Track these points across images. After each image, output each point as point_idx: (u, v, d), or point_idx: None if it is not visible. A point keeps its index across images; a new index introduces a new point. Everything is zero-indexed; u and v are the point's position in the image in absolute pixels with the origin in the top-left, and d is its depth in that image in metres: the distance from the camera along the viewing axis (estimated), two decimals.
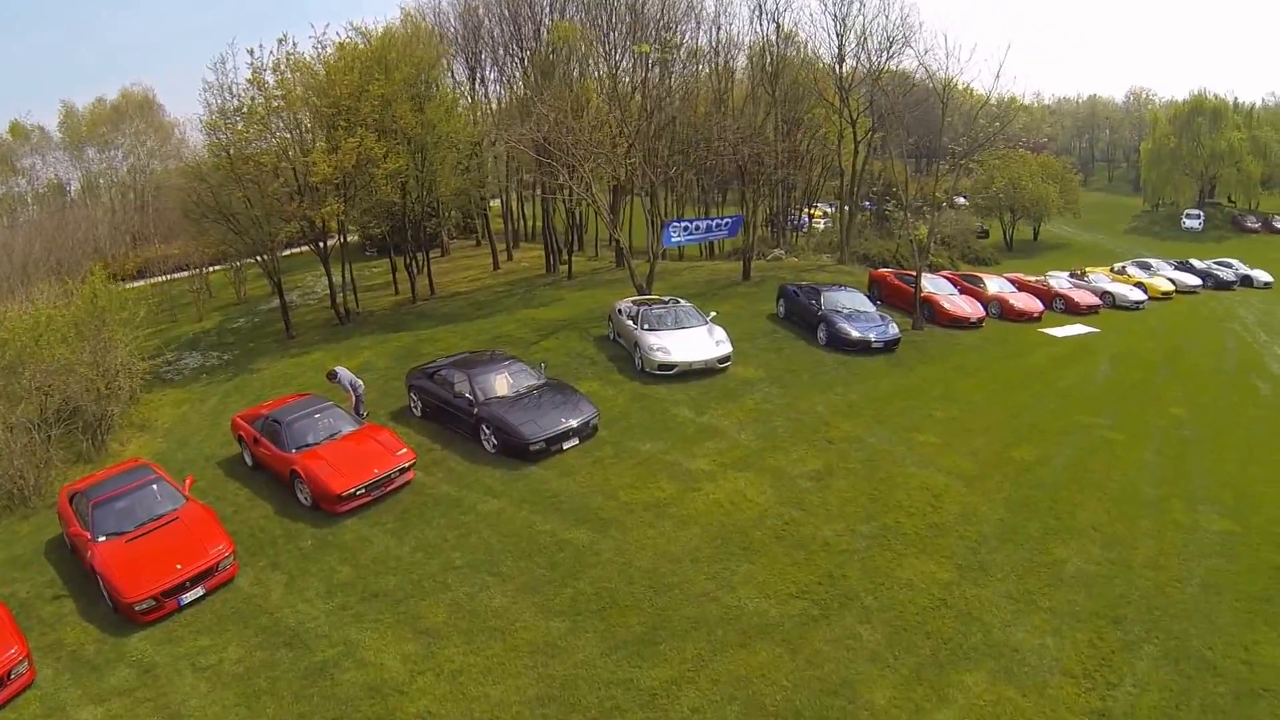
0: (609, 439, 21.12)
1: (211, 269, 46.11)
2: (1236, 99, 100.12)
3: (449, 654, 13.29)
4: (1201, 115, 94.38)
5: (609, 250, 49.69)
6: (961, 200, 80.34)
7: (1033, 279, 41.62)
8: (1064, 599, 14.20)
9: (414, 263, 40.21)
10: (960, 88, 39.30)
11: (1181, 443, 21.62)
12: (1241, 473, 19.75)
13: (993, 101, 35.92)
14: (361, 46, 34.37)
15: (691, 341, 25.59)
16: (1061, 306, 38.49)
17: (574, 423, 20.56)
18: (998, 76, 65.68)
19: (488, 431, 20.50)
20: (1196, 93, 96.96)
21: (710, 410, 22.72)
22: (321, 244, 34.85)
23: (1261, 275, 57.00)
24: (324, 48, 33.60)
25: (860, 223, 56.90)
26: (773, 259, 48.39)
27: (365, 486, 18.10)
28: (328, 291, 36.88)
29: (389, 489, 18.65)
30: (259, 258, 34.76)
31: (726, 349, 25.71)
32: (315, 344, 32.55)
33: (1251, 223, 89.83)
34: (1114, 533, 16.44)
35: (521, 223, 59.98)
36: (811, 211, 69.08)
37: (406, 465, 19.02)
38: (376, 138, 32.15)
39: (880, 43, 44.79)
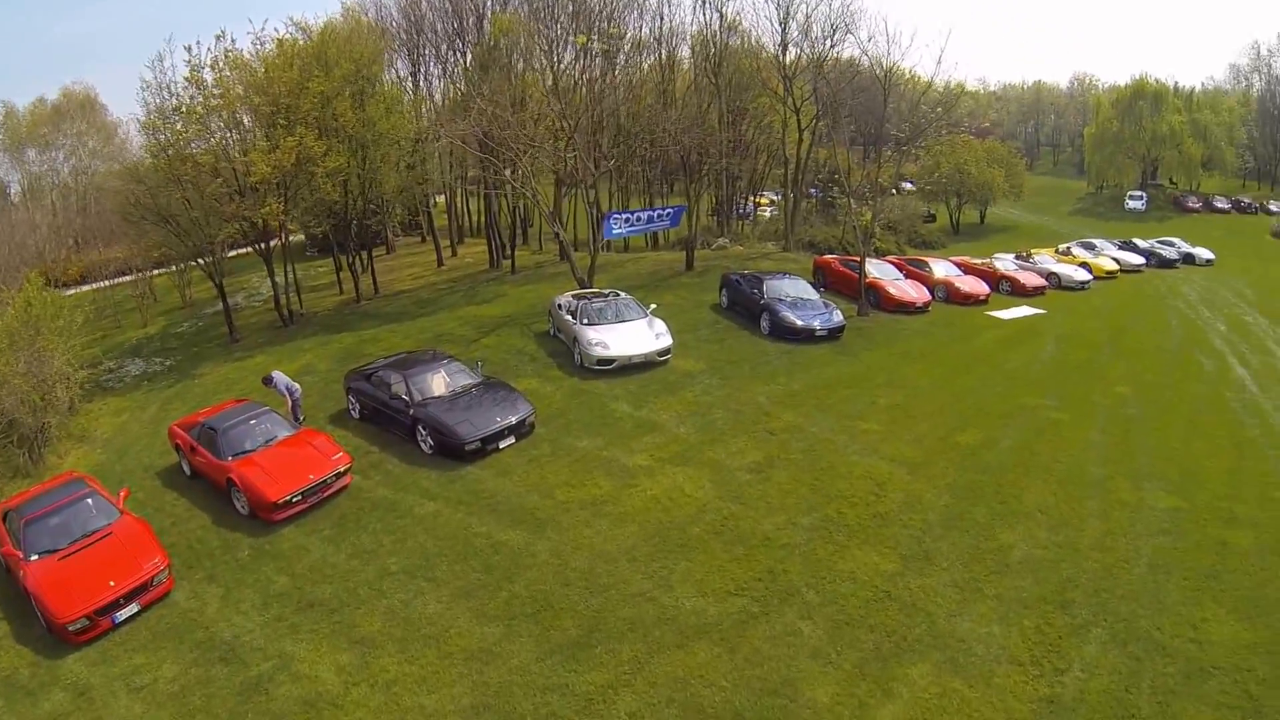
0: (546, 436, 20.67)
1: (156, 272, 44.78)
2: (1177, 83, 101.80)
3: (384, 664, 12.87)
4: (1143, 99, 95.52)
5: (554, 244, 49.17)
6: (908, 185, 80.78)
7: (979, 262, 41.59)
8: (1010, 585, 13.89)
9: (357, 262, 39.44)
10: (905, 74, 39.30)
11: (1127, 421, 21.44)
12: (1186, 448, 19.61)
13: (935, 87, 35.88)
14: (301, 43, 33.67)
15: (631, 335, 25.22)
16: (1008, 288, 38.43)
17: (510, 421, 20.12)
18: (939, 62, 66.47)
19: (424, 432, 20.08)
20: (1138, 77, 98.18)
21: (649, 404, 22.28)
22: (264, 245, 34.06)
23: (1203, 253, 57.53)
24: (262, 44, 32.90)
25: (805, 210, 56.79)
26: (717, 248, 48.05)
27: (301, 493, 17.59)
28: (285, 292, 36.13)
29: (326, 494, 18.16)
30: (201, 260, 33.77)
31: (667, 341, 25.35)
32: (259, 347, 31.87)
33: (1193, 203, 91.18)
34: (1060, 515, 16.16)
35: (466, 218, 59.30)
36: (758, 200, 68.93)
37: (343, 469, 18.52)
38: (316, 136, 31.49)
39: (823, 30, 44.83)
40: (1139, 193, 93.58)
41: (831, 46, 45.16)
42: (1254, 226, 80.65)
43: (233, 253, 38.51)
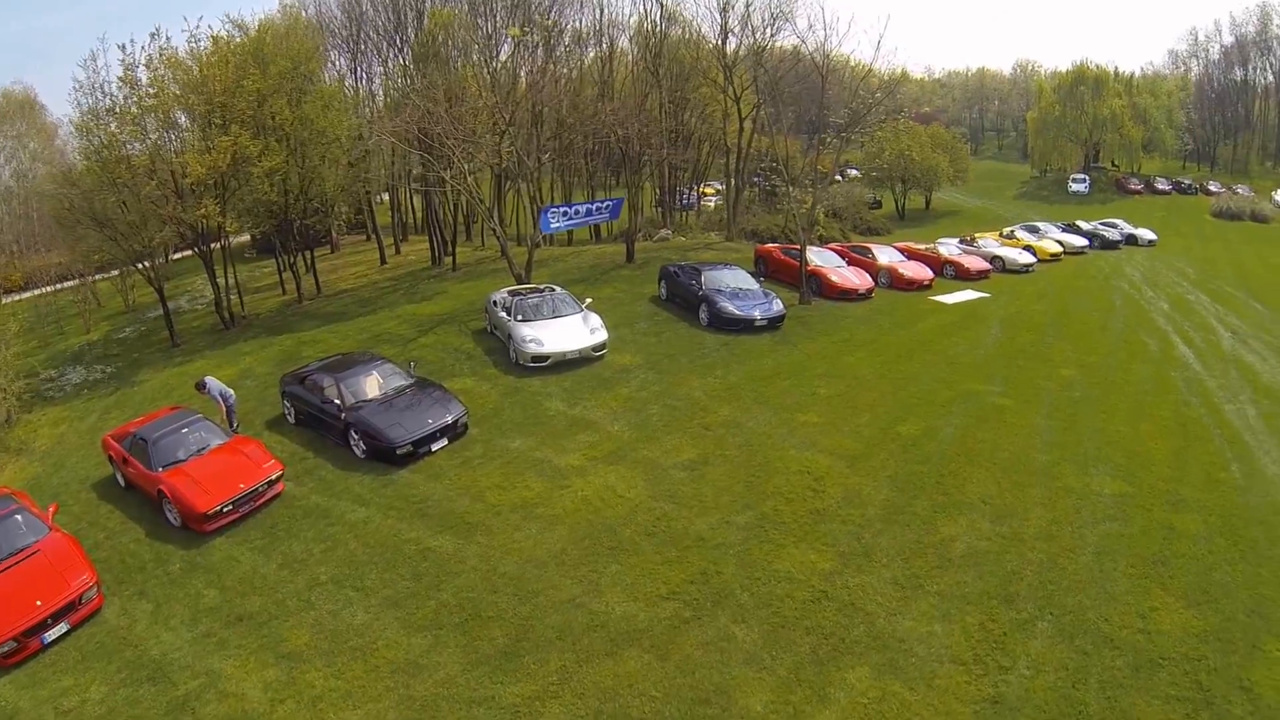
0: (479, 437, 20.04)
1: (99, 277, 43.79)
2: (1117, 68, 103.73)
3: (310, 679, 12.35)
4: (1084, 84, 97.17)
5: (496, 239, 48.72)
6: (854, 172, 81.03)
7: (923, 247, 41.38)
8: (952, 580, 13.37)
9: (298, 262, 38.76)
10: (845, 61, 39.06)
11: (1072, 404, 21.09)
12: (1132, 430, 19.30)
13: (874, 73, 35.58)
14: (238, 40, 32.86)
15: (566, 331, 24.73)
16: (952, 273, 38.22)
17: (443, 422, 19.58)
18: (878, 48, 66.64)
19: (356, 436, 19.47)
20: (1079, 63, 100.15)
21: (583, 401, 21.68)
22: (204, 247, 33.23)
23: (1145, 234, 58.18)
24: (198, 42, 31.93)
25: (747, 199, 56.59)
26: (659, 240, 47.61)
27: (233, 502, 17.03)
28: (226, 294, 35.24)
29: (258, 503, 17.60)
30: (140, 264, 32.91)
31: (601, 336, 24.85)
32: (199, 352, 30.98)
33: (1134, 184, 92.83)
34: (1004, 504, 15.69)
35: (411, 215, 58.72)
36: (704, 190, 68.59)
37: (274, 477, 17.97)
38: (253, 135, 30.79)
39: (763, 19, 44.88)
40: (1082, 175, 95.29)
41: (772, 35, 45.18)
42: (1194, 207, 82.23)
43: (177, 255, 37.67)
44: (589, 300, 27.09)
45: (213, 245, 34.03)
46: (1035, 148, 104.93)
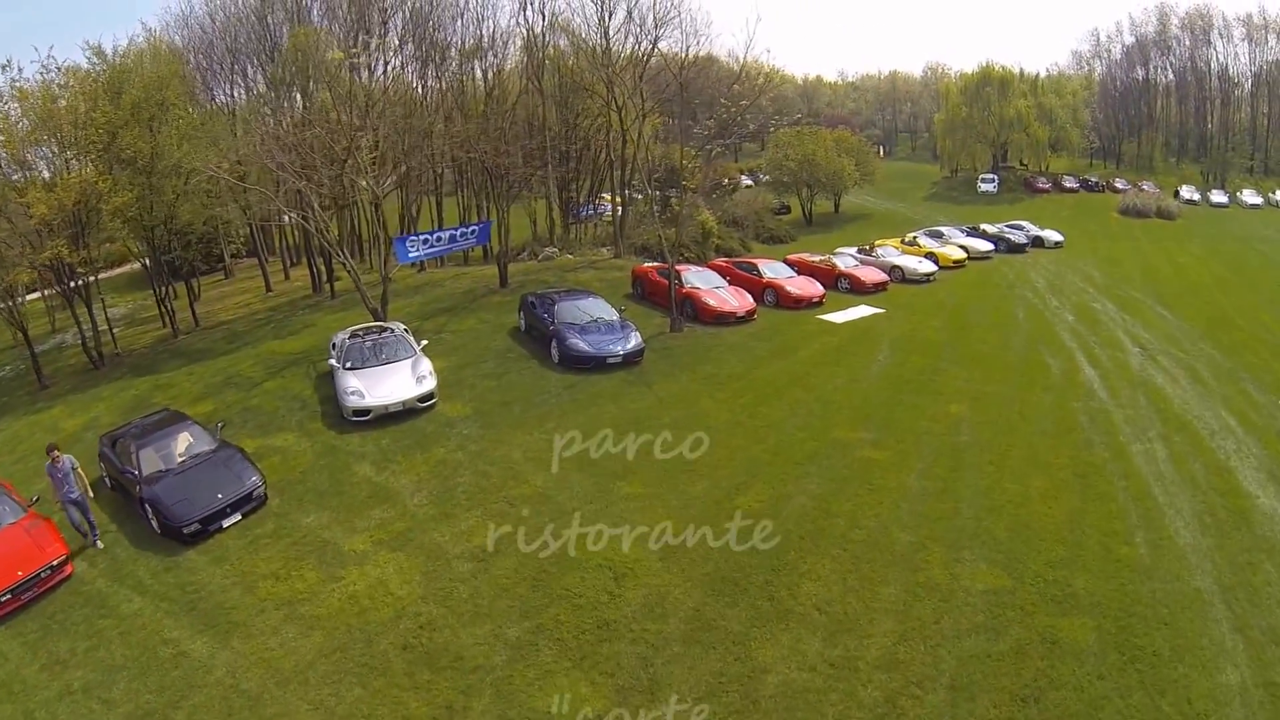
0: (277, 510, 17.41)
1: None
2: (1022, 69, 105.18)
3: None
4: (990, 85, 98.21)
5: (386, 263, 46.18)
6: (764, 178, 79.70)
7: (817, 259, 39.39)
8: None
9: (169, 294, 36.12)
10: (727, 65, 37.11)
11: (955, 454, 18.34)
12: (1022, 490, 16.52)
13: (749, 74, 33.37)
14: (95, 69, 30.82)
15: (392, 380, 22.13)
16: (847, 286, 36.18)
17: (234, 496, 17.26)
18: (748, 48, 65.68)
19: (149, 511, 17.21)
20: (985, 64, 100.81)
21: (393, 465, 18.81)
22: (68, 284, 30.96)
23: (1052, 235, 57.76)
24: (49, 71, 29.76)
25: (638, 211, 54.92)
26: (544, 259, 45.10)
27: (11, 591, 15.05)
28: (95, 332, 32.56)
29: (42, 589, 15.50)
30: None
31: (429, 385, 22.14)
32: (62, 395, 28.16)
33: (1043, 184, 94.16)
34: (845, 613, 12.61)
35: (304, 239, 56.61)
36: (613, 199, 66.47)
37: (57, 562, 15.82)
38: (107, 169, 28.92)
39: (644, 29, 43.87)
40: (991, 175, 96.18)
41: (655, 43, 43.92)
42: (1101, 204, 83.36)
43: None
44: (424, 341, 24.62)
45: (78, 281, 31.66)
46: (944, 149, 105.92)
